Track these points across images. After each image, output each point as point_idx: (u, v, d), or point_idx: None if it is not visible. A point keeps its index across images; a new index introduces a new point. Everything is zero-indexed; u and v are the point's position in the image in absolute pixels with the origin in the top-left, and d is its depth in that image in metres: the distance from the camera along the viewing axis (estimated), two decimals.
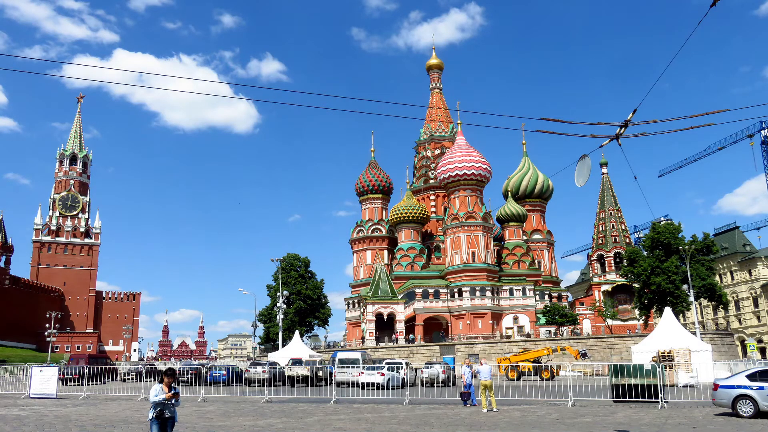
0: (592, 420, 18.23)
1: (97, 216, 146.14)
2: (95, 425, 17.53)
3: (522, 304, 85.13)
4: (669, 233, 65.27)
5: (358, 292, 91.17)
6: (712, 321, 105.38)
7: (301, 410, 21.87)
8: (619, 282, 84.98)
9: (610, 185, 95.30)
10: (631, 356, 40.44)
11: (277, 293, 63.32)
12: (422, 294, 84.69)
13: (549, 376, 43.22)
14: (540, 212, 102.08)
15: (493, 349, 67.52)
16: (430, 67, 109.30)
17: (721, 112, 11.56)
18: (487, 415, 19.74)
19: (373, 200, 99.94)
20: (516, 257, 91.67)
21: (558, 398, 24.91)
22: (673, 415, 19.46)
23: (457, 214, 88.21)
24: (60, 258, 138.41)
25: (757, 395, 18.07)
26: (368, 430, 16.51)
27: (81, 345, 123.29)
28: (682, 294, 62.08)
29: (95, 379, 33.90)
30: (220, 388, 34.25)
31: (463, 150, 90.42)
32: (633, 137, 12.01)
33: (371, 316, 78.09)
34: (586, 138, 12.23)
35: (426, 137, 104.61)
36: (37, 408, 22.94)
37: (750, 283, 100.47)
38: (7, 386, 34.03)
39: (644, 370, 23.11)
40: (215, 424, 17.94)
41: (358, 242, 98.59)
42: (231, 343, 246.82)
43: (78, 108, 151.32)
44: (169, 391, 10.44)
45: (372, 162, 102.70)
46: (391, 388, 32.83)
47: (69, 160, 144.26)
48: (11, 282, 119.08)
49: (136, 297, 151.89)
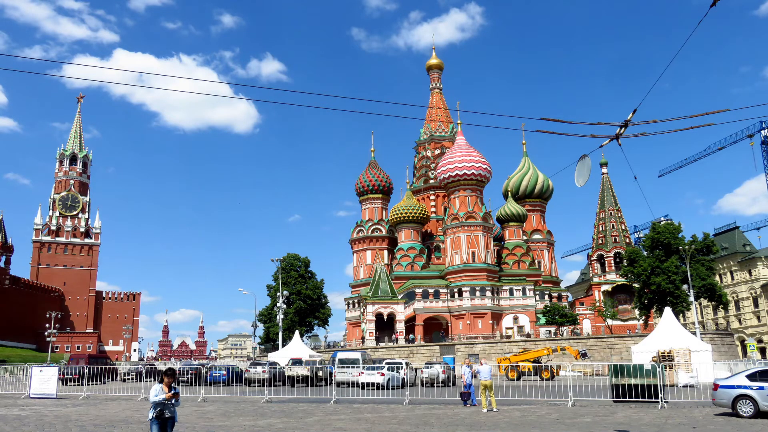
0: (592, 420, 18.23)
1: (97, 216, 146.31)
2: (95, 425, 17.52)
3: (522, 304, 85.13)
4: (669, 233, 65.26)
5: (358, 292, 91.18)
6: (712, 321, 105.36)
7: (301, 410, 21.86)
8: (619, 282, 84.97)
9: (610, 185, 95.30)
10: (631, 356, 40.43)
11: (277, 293, 63.32)
12: (422, 294, 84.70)
13: (549, 376, 43.22)
14: (540, 212, 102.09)
15: (493, 349, 67.52)
16: (430, 67, 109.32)
17: (721, 112, 11.56)
18: (487, 415, 19.73)
19: (373, 200, 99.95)
20: (516, 257, 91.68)
21: (558, 398, 24.90)
22: (673, 415, 19.46)
23: (457, 214, 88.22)
24: (60, 258, 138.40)
25: (757, 395, 18.07)
26: (368, 430, 16.51)
27: (81, 345, 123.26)
28: (682, 294, 62.07)
29: (95, 379, 33.90)
30: (220, 388, 34.25)
31: (463, 150, 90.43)
32: (633, 137, 12.01)
33: (371, 316, 78.09)
34: (586, 138, 12.24)
35: (426, 137, 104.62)
36: (37, 408, 22.94)
37: (750, 283, 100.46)
38: (7, 386, 34.03)
39: (644, 370, 23.10)
40: (215, 424, 17.93)
41: (358, 242, 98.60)
42: (231, 343, 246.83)
43: (78, 108, 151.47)
44: (169, 391, 10.44)
45: (372, 162, 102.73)
46: (391, 388, 32.82)
47: (69, 160, 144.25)
48: (11, 282, 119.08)
49: (136, 297, 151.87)
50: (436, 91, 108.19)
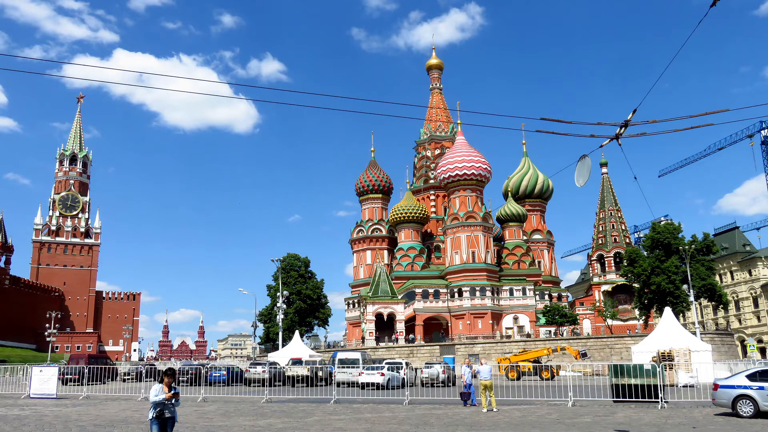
0: (592, 420, 18.23)
1: (97, 216, 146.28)
2: (95, 425, 17.52)
3: (522, 304, 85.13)
4: (669, 233, 65.26)
5: (358, 292, 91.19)
6: (712, 321, 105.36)
7: (301, 410, 21.86)
8: (619, 282, 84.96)
9: (610, 185, 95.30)
10: (631, 356, 40.42)
11: (277, 293, 63.32)
12: (422, 294, 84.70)
13: (549, 376, 43.21)
14: (540, 212, 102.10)
15: (493, 349, 67.51)
16: (430, 67, 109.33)
17: (721, 112, 11.56)
18: (487, 415, 19.73)
19: (373, 200, 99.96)
20: (516, 257, 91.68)
21: (558, 398, 24.90)
22: (673, 415, 19.46)
23: (457, 214, 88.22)
24: (60, 258, 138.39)
25: (757, 395, 18.07)
26: (368, 430, 16.51)
27: (81, 345, 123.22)
28: (682, 294, 62.06)
29: (95, 379, 33.89)
30: (220, 388, 34.25)
31: (463, 150, 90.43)
32: (633, 137, 12.01)
33: (371, 316, 78.09)
34: (586, 138, 12.24)
35: (426, 137, 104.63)
36: (37, 408, 22.94)
37: (750, 283, 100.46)
38: (7, 386, 34.03)
39: (644, 370, 23.10)
40: (215, 424, 17.93)
41: (358, 242, 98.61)
42: (231, 343, 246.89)
43: (78, 108, 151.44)
44: (169, 391, 10.44)
45: (372, 162, 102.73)
46: (391, 388, 32.82)
47: (69, 160, 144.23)
48: (11, 282, 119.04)
49: (136, 297, 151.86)
50: (436, 91, 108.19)
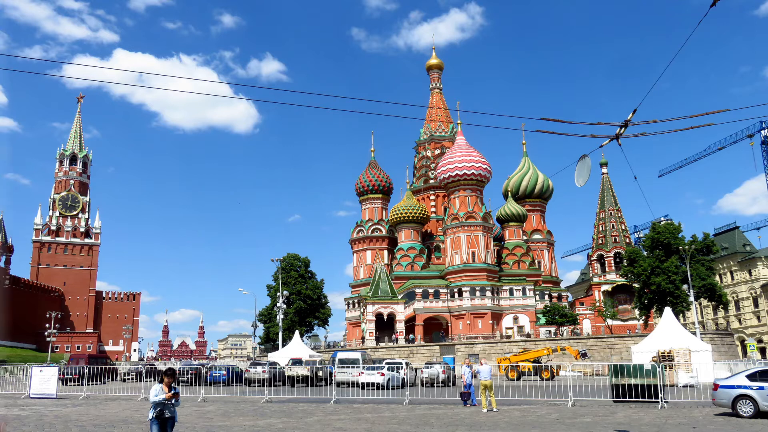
0: (592, 420, 18.23)
1: (97, 216, 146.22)
2: (95, 425, 17.52)
3: (522, 304, 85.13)
4: (669, 233, 65.26)
5: (358, 292, 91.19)
6: (712, 321, 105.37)
7: (301, 410, 21.86)
8: (619, 282, 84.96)
9: (610, 185, 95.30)
10: (631, 356, 40.43)
11: (277, 293, 63.32)
12: (422, 294, 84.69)
13: (549, 376, 43.19)
14: (540, 212, 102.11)
15: (493, 349, 67.51)
16: (430, 67, 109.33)
17: (721, 112, 11.56)
18: (487, 415, 19.73)
19: (373, 200, 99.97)
20: (516, 257, 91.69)
21: (558, 398, 24.90)
22: (673, 415, 19.46)
23: (457, 214, 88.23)
24: (60, 258, 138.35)
25: (757, 395, 18.07)
26: (368, 430, 16.51)
27: (81, 345, 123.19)
28: (682, 294, 62.07)
29: (95, 379, 33.89)
30: (220, 388, 34.23)
31: (463, 150, 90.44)
32: (633, 137, 12.02)
33: (371, 316, 78.09)
34: (586, 138, 12.25)
35: (426, 137, 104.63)
36: (37, 408, 22.94)
37: (750, 283, 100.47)
38: (7, 386, 34.03)
39: (644, 370, 23.09)
40: (215, 424, 17.94)
41: (358, 242, 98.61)
42: (231, 343, 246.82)
43: (78, 108, 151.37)
44: (169, 391, 10.45)
45: (372, 162, 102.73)
46: (391, 388, 32.82)
47: (69, 160, 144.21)
48: (11, 282, 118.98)
49: (136, 297, 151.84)
50: (436, 91, 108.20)
